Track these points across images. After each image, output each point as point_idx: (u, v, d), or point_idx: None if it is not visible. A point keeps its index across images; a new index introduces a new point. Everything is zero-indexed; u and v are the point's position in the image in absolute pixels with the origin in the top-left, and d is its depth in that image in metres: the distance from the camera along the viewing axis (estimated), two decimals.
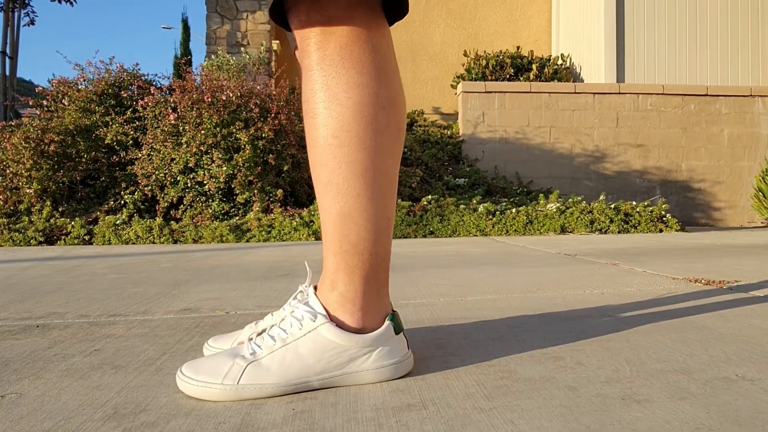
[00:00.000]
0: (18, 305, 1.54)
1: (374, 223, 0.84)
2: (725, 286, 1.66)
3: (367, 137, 0.81)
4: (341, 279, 0.83)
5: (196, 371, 0.78)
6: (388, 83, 0.84)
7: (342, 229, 0.83)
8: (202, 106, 4.39)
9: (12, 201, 4.50)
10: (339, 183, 0.82)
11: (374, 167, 0.83)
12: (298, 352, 0.79)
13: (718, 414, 0.67)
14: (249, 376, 0.77)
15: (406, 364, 0.85)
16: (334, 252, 0.84)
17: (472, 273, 2.06)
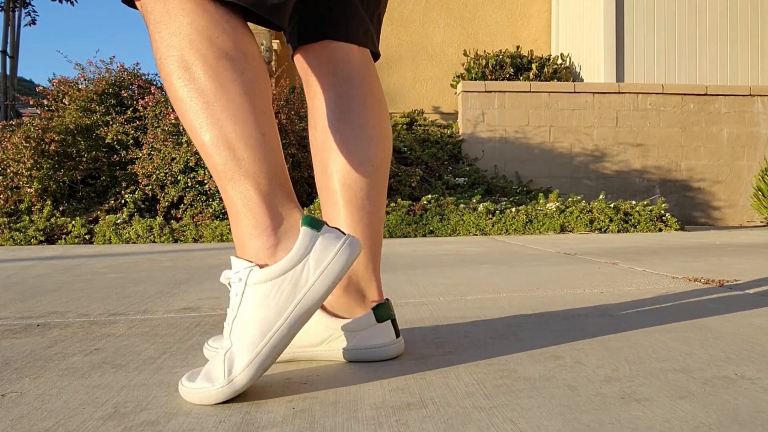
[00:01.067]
0: (18, 304, 1.54)
1: (249, 135, 0.79)
2: (724, 285, 1.66)
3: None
4: (240, 212, 0.80)
5: (193, 385, 0.78)
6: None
7: (218, 151, 0.79)
8: None
9: (12, 200, 4.50)
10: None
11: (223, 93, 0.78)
12: (247, 316, 0.77)
13: (717, 413, 0.67)
14: (230, 366, 0.75)
15: (350, 250, 0.80)
16: (222, 184, 0.80)
17: (472, 272, 2.06)
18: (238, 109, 0.78)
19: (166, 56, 0.77)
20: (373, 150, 0.97)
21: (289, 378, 0.84)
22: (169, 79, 0.78)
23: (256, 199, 0.79)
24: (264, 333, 0.75)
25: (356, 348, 0.90)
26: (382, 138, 0.98)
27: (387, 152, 0.99)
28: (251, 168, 0.79)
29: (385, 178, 1.00)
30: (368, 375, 0.84)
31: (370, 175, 0.97)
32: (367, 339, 0.89)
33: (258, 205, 0.79)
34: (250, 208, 0.79)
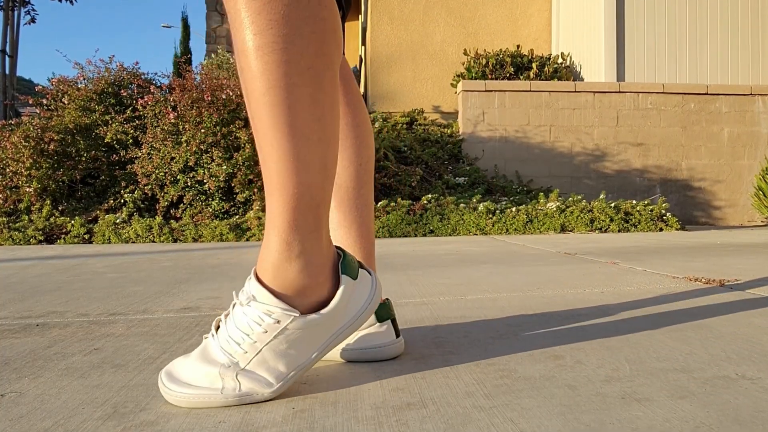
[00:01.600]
0: (18, 304, 1.54)
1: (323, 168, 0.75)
2: (725, 284, 1.66)
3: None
4: (300, 238, 0.75)
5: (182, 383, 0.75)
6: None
7: (299, 179, 0.73)
8: (202, 104, 4.39)
9: (12, 200, 4.50)
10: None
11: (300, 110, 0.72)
12: (278, 353, 0.75)
13: (717, 413, 0.67)
14: (246, 386, 0.74)
15: (376, 296, 0.82)
16: (293, 207, 0.74)
17: (472, 272, 2.06)
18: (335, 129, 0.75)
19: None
20: (360, 148, 0.97)
21: None
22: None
23: (321, 227, 0.76)
24: (292, 367, 0.76)
25: (356, 348, 0.89)
26: (366, 136, 0.99)
27: (371, 150, 1.00)
28: (322, 195, 0.75)
29: (371, 176, 1.00)
30: (368, 375, 0.84)
31: (360, 174, 0.97)
32: (367, 339, 0.89)
33: (320, 232, 0.76)
34: (317, 234, 0.75)
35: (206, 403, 0.73)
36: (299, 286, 0.75)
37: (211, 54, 8.05)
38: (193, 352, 0.79)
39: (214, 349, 0.77)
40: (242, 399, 0.74)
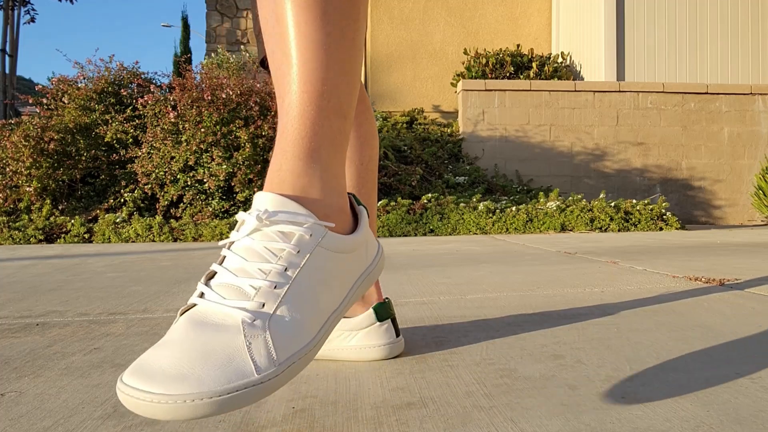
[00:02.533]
0: (18, 303, 1.54)
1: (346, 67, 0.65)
2: (725, 284, 1.66)
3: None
4: (325, 143, 0.62)
5: (206, 387, 0.48)
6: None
7: (327, 77, 0.62)
8: (202, 104, 4.39)
9: (12, 199, 4.50)
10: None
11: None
12: (312, 283, 0.59)
13: (718, 412, 0.67)
14: (282, 344, 0.53)
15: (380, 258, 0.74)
16: (319, 107, 0.62)
17: (472, 271, 2.06)
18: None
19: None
20: (362, 147, 0.97)
21: None
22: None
23: (344, 141, 0.64)
24: (329, 307, 0.60)
25: (356, 347, 0.89)
26: (368, 136, 0.98)
27: (374, 150, 0.99)
28: (348, 105, 0.64)
29: (374, 176, 1.00)
30: (368, 374, 0.84)
31: (361, 173, 0.97)
32: (368, 338, 0.89)
33: (343, 149, 0.65)
34: (339, 146, 0.64)
35: (235, 399, 0.49)
36: (324, 203, 0.62)
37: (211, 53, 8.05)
38: (170, 332, 0.54)
39: (214, 308, 0.55)
40: (288, 374, 0.53)
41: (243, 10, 8.49)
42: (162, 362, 0.49)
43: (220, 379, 0.48)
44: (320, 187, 0.62)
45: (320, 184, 0.62)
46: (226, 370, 0.49)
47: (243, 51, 8.07)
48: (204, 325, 0.53)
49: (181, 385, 0.47)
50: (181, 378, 0.48)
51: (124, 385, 0.48)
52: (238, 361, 0.50)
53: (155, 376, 0.48)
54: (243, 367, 0.50)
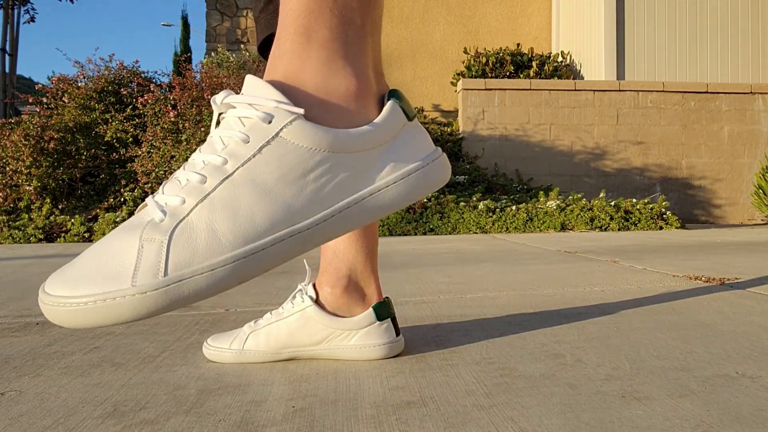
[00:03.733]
0: (18, 303, 1.54)
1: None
2: (725, 283, 1.66)
3: None
4: (324, 18, 0.50)
5: (74, 283, 0.46)
6: None
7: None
8: (202, 103, 4.39)
9: (12, 198, 4.50)
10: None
11: None
12: (258, 184, 0.48)
13: (718, 411, 0.67)
14: (180, 256, 0.45)
15: (440, 164, 0.57)
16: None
17: (472, 270, 2.06)
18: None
19: None
20: None
21: (289, 376, 0.84)
22: None
23: (357, 15, 0.52)
24: (277, 222, 0.47)
25: (356, 346, 0.89)
26: None
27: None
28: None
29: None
30: (368, 373, 0.84)
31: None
32: (367, 337, 0.89)
33: (357, 24, 0.52)
34: (345, 21, 0.51)
35: (105, 313, 0.43)
36: (316, 87, 0.50)
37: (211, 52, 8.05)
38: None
39: (147, 208, 0.49)
40: (168, 293, 0.44)
41: (243, 9, 8.49)
42: (75, 263, 0.46)
43: (94, 283, 0.43)
44: (316, 68, 0.50)
45: (317, 65, 0.50)
46: (106, 272, 0.44)
47: (243, 50, 8.07)
48: (126, 226, 0.46)
49: (63, 286, 0.44)
50: (72, 280, 0.44)
51: (41, 289, 0.46)
52: (122, 264, 0.44)
53: (59, 277, 0.45)
54: (122, 272, 0.44)
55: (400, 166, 0.52)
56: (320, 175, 0.48)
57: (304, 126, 0.47)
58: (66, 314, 0.43)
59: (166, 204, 0.46)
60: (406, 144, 0.54)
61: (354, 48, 0.52)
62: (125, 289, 0.43)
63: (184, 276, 0.44)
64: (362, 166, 0.50)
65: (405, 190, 0.52)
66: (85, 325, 0.43)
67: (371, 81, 0.54)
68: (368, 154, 0.50)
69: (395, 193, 0.52)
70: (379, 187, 0.51)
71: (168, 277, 0.43)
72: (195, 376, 0.84)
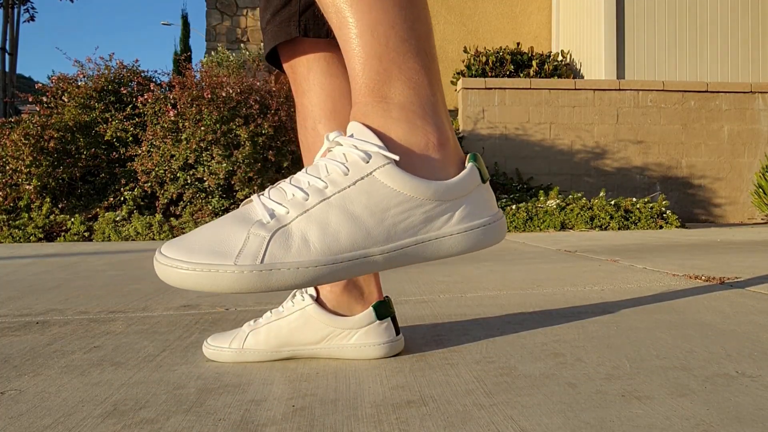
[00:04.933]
0: (17, 302, 1.54)
1: (420, 11, 0.61)
2: (725, 282, 1.66)
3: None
4: (397, 87, 0.59)
5: (187, 250, 0.56)
6: None
7: (385, 16, 0.58)
8: (202, 102, 4.39)
9: (11, 197, 4.50)
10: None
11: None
12: (348, 211, 0.57)
13: (718, 410, 0.67)
14: (277, 252, 0.55)
15: (500, 225, 0.64)
16: (378, 53, 0.58)
17: (472, 270, 2.06)
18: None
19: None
20: None
21: (289, 375, 0.84)
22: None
23: (424, 81, 0.59)
24: (356, 245, 0.57)
25: (356, 345, 0.89)
26: None
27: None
28: (421, 45, 0.60)
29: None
30: (368, 372, 0.84)
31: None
32: (367, 336, 0.89)
33: (426, 89, 0.59)
34: (415, 88, 0.59)
35: (208, 278, 0.54)
36: (400, 142, 0.59)
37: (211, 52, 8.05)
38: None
39: (254, 206, 0.59)
40: (263, 275, 0.54)
41: (243, 8, 8.49)
42: (189, 237, 0.57)
43: (206, 255, 0.54)
44: (399, 125, 0.58)
45: (399, 123, 0.58)
46: (216, 249, 0.54)
47: (243, 49, 8.06)
48: (236, 217, 0.57)
49: (179, 253, 0.55)
50: (187, 249, 0.55)
51: (157, 252, 0.57)
52: (230, 246, 0.55)
53: (175, 245, 0.56)
54: (229, 251, 0.54)
55: (466, 221, 0.60)
56: (399, 213, 0.57)
57: (394, 170, 0.56)
58: (177, 275, 0.54)
59: (274, 210, 0.57)
60: (476, 202, 0.61)
61: (428, 108, 0.60)
62: (229, 265, 0.54)
63: (275, 267, 0.54)
64: (435, 214, 0.59)
65: (464, 242, 0.61)
66: (190, 287, 0.54)
67: (449, 135, 0.61)
68: (442, 204, 0.59)
69: (454, 243, 0.60)
70: (443, 234, 0.60)
71: (264, 264, 0.54)
72: (195, 376, 0.84)
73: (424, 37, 0.61)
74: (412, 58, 0.59)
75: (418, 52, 0.60)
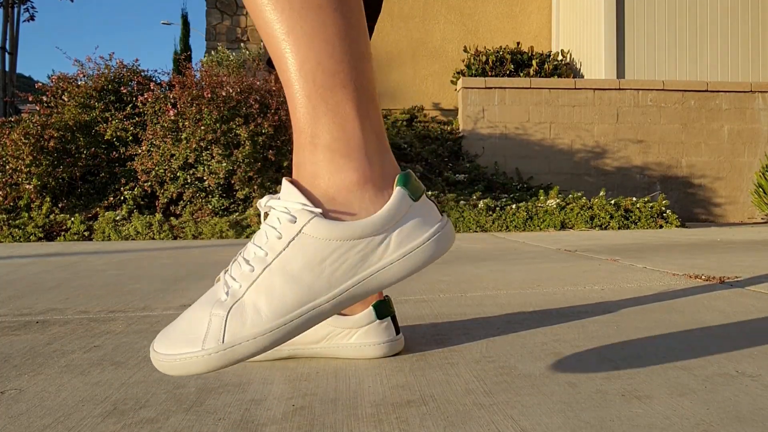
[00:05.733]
0: (17, 301, 1.54)
1: (349, 43, 0.61)
2: (725, 282, 1.66)
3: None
4: (324, 124, 0.60)
5: (169, 342, 0.60)
6: None
7: (311, 53, 0.58)
8: (202, 101, 4.38)
9: (11, 197, 4.49)
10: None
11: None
12: (288, 272, 0.59)
13: (718, 410, 0.67)
14: (234, 328, 0.58)
15: (445, 234, 0.64)
16: (307, 94, 0.59)
17: (472, 269, 2.06)
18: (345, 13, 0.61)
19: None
20: None
21: (289, 375, 0.84)
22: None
23: (351, 114, 0.60)
24: (302, 302, 0.59)
25: (356, 344, 0.89)
26: None
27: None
28: (351, 76, 0.60)
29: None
30: (368, 372, 0.84)
31: None
32: (367, 336, 0.89)
33: (352, 122, 0.61)
34: (341, 123, 0.60)
35: (184, 367, 0.59)
36: (327, 186, 0.60)
37: (211, 51, 8.04)
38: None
39: (220, 284, 0.63)
40: (227, 354, 0.58)
41: (243, 7, 8.48)
42: (170, 329, 0.61)
43: (182, 345, 0.59)
44: (324, 168, 0.60)
45: (324, 166, 0.60)
46: (189, 337, 0.59)
47: (243, 49, 8.06)
48: (205, 298, 0.61)
49: (163, 346, 0.60)
50: (170, 342, 0.60)
51: (155, 351, 0.61)
52: (198, 332, 0.59)
53: (161, 340, 0.61)
54: (198, 337, 0.58)
55: (403, 245, 0.61)
56: (334, 260, 0.59)
57: (319, 223, 0.59)
58: (165, 366, 0.60)
59: (230, 287, 0.60)
60: (411, 224, 0.62)
61: (353, 143, 0.61)
62: (198, 351, 0.58)
63: (235, 343, 0.57)
64: (370, 250, 0.60)
65: (407, 266, 0.62)
66: (176, 374, 0.59)
67: (371, 170, 0.62)
68: (375, 238, 0.60)
69: (398, 269, 0.61)
70: (384, 264, 0.61)
71: (225, 343, 0.57)
72: (195, 375, 0.84)
73: (356, 66, 0.61)
74: (340, 91, 0.60)
75: (346, 84, 0.60)
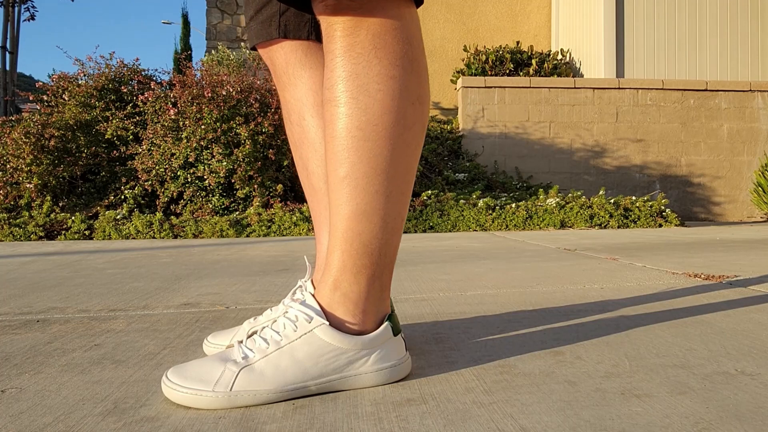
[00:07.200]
0: (18, 300, 1.54)
1: (389, 222, 0.80)
2: (724, 280, 1.66)
3: (394, 133, 0.78)
4: (346, 279, 0.80)
5: (183, 377, 0.74)
6: (420, 77, 0.80)
7: (356, 227, 0.79)
8: (202, 101, 4.38)
9: (12, 196, 4.49)
10: (358, 178, 0.78)
11: (396, 164, 0.79)
12: (294, 356, 0.76)
13: (717, 409, 0.67)
14: (242, 382, 0.74)
15: (404, 366, 0.82)
16: (343, 250, 0.80)
17: (472, 268, 2.06)
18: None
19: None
20: None
21: None
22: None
23: (368, 277, 0.81)
24: (297, 379, 0.76)
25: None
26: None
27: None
28: (380, 249, 0.82)
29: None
30: None
31: None
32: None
33: (368, 284, 0.81)
34: (358, 281, 0.80)
35: (193, 400, 0.72)
36: (338, 314, 0.80)
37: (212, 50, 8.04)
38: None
39: (235, 350, 0.79)
40: (231, 398, 0.73)
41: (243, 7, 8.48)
42: (187, 366, 0.77)
43: (194, 382, 0.74)
44: (338, 304, 0.80)
45: (338, 303, 0.80)
46: (202, 378, 0.74)
47: (243, 48, 8.05)
48: (220, 355, 0.79)
49: (178, 378, 0.74)
50: (183, 376, 0.75)
51: (165, 375, 0.76)
52: (212, 377, 0.74)
53: (177, 372, 0.76)
54: (210, 380, 0.74)
55: (378, 363, 0.80)
56: (329, 358, 0.78)
57: (328, 329, 0.78)
58: (175, 395, 0.73)
59: (246, 354, 0.77)
60: (387, 350, 0.81)
61: (363, 296, 0.81)
62: (208, 390, 0.73)
63: (240, 393, 0.73)
64: (355, 358, 0.79)
65: (376, 379, 0.80)
66: (184, 404, 0.73)
67: (373, 312, 0.82)
68: (361, 351, 0.79)
69: (369, 379, 0.79)
70: (361, 372, 0.79)
71: (232, 391, 0.73)
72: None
73: (388, 241, 0.82)
74: (366, 258, 0.80)
75: (373, 252, 0.80)
